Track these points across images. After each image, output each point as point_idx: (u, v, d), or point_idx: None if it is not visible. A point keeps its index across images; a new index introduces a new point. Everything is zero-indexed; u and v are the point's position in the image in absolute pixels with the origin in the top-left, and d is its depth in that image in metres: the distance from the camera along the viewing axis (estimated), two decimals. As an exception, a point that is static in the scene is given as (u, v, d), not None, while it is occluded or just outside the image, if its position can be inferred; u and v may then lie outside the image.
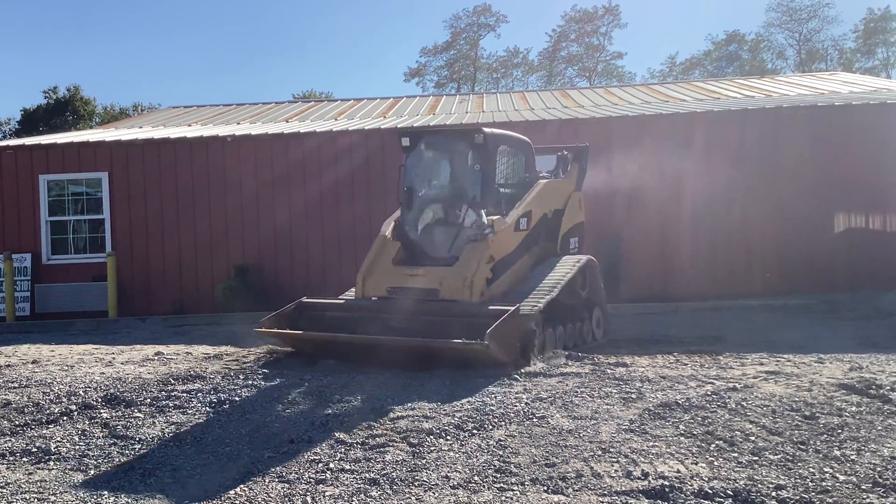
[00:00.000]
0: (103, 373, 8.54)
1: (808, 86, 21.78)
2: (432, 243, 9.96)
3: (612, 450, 5.49)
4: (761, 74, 41.71)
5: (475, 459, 5.42)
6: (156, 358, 9.64)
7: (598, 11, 59.84)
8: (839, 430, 5.81)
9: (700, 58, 60.80)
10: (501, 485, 4.98)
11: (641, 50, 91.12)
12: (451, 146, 10.27)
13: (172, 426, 6.52)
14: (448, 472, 5.22)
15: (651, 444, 5.60)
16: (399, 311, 9.11)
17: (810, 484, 4.80)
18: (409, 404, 6.82)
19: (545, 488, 4.91)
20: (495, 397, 6.98)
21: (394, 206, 15.00)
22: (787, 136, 15.05)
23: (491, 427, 6.12)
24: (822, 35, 58.29)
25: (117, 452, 5.93)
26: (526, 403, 6.72)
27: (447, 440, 5.84)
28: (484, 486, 4.97)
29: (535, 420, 6.26)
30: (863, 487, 4.75)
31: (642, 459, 5.29)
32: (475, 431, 6.03)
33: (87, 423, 6.68)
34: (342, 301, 10.05)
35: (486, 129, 9.83)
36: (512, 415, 6.40)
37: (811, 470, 5.02)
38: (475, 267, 9.21)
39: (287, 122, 19.82)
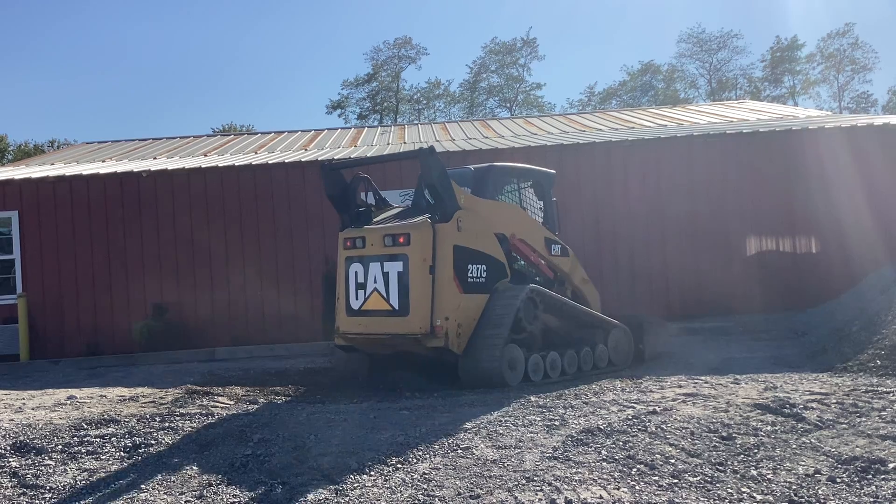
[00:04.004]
0: (12, 419, 8.17)
1: (718, 114, 22.54)
2: None
3: (535, 478, 5.48)
4: (674, 103, 43.07)
5: (399, 494, 5.35)
6: (68, 402, 9.28)
7: (517, 44, 60.96)
8: (755, 450, 5.92)
9: (616, 88, 62.45)
10: (425, 519, 4.92)
11: (561, 80, 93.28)
12: None
13: (85, 473, 6.25)
14: (371, 508, 5.13)
15: (574, 470, 5.61)
16: None
17: (728, 504, 4.88)
18: (333, 441, 6.71)
19: (469, 521, 4.88)
20: (420, 429, 6.92)
21: (316, 238, 14.95)
22: (699, 163, 15.53)
23: (416, 460, 6.05)
24: (732, 65, 60.63)
25: (26, 503, 5.66)
26: (450, 434, 6.68)
27: (371, 476, 5.75)
28: (407, 522, 4.90)
29: (459, 451, 6.21)
30: (778, 505, 4.85)
31: (566, 487, 5.29)
32: (399, 466, 5.95)
33: (-7, 473, 6.37)
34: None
35: None
36: (437, 447, 6.34)
37: (729, 490, 5.11)
38: None
39: (206, 156, 19.53)
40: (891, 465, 5.41)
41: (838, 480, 5.25)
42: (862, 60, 58.30)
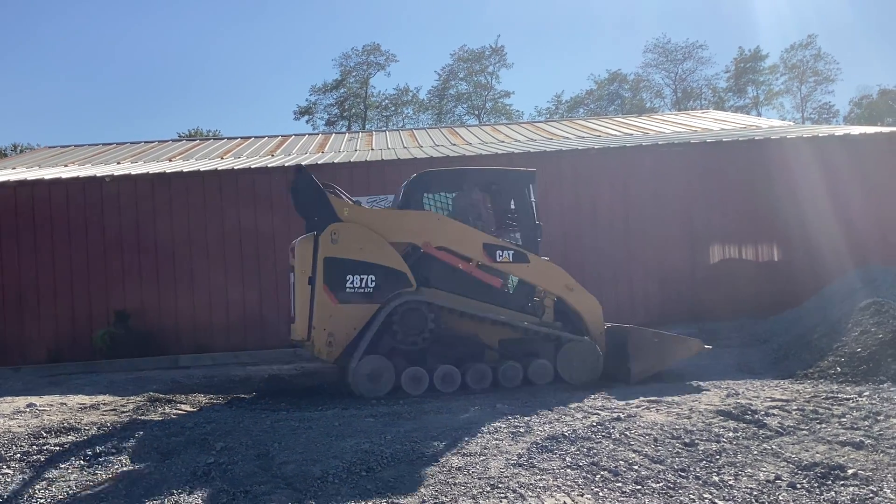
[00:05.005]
0: (-32, 428, 8.02)
1: (683, 124, 22.78)
2: None
3: (500, 485, 5.49)
4: (640, 113, 43.46)
5: (363, 503, 5.33)
6: (27, 410, 9.13)
7: (486, 51, 61.16)
8: (717, 456, 5.99)
9: (584, 97, 62.83)
10: (389, 527, 4.90)
11: (529, 89, 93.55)
12: None
13: (44, 482, 6.16)
14: (335, 517, 5.10)
15: (539, 477, 5.63)
16: None
17: (690, 510, 4.92)
18: (296, 448, 6.66)
19: (433, 528, 4.86)
20: (385, 437, 6.90)
21: (283, 244, 14.86)
22: (664, 172, 15.67)
23: (380, 468, 6.03)
24: (697, 75, 61.44)
25: (-19, 513, 5.56)
26: (415, 441, 6.66)
27: (335, 484, 5.72)
28: (371, 530, 4.88)
29: (424, 458, 6.20)
30: (739, 511, 4.90)
31: (530, 493, 5.30)
32: (364, 473, 5.93)
33: (-52, 483, 6.24)
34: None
35: None
36: (401, 454, 6.33)
37: (691, 497, 5.15)
38: None
39: (170, 161, 19.34)
40: (850, 471, 5.49)
41: (798, 486, 5.32)
42: (824, 72, 59.24)
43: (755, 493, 5.21)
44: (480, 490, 5.41)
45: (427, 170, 11.44)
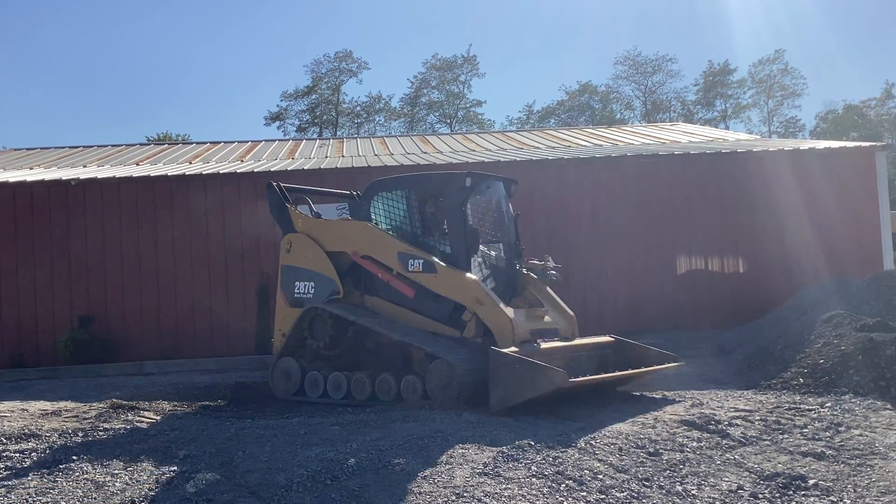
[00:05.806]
0: (-75, 434, 7.86)
1: (652, 135, 23.02)
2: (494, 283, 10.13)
3: (465, 494, 5.48)
4: (610, 124, 43.82)
5: (327, 511, 5.30)
6: (-13, 416, 8.98)
7: (458, 60, 61.31)
8: (681, 466, 6.03)
9: (554, 107, 63.17)
10: (353, 536, 4.88)
11: (500, 98, 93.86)
12: (499, 191, 10.58)
13: (2, 489, 6.05)
14: (298, 526, 5.07)
15: (504, 486, 5.63)
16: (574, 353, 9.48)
17: (653, 520, 4.95)
18: (261, 457, 6.61)
19: (397, 538, 4.85)
20: (351, 445, 6.87)
21: (250, 250, 14.79)
22: (632, 183, 15.82)
23: (345, 477, 5.99)
24: (666, 88, 61.84)
25: (-63, 522, 5.45)
26: (381, 450, 6.63)
27: (299, 493, 5.68)
28: (335, 539, 4.85)
29: (390, 467, 6.18)
30: (702, 521, 4.94)
31: (495, 503, 5.30)
32: (329, 482, 5.89)
33: None
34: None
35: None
36: (367, 463, 6.29)
37: (655, 505, 5.19)
38: (569, 308, 10.17)
39: (138, 164, 19.16)
40: (811, 482, 5.56)
41: (760, 496, 5.37)
42: (791, 86, 60.08)
43: (718, 502, 5.26)
44: (446, 499, 5.40)
45: (378, 178, 11.45)
